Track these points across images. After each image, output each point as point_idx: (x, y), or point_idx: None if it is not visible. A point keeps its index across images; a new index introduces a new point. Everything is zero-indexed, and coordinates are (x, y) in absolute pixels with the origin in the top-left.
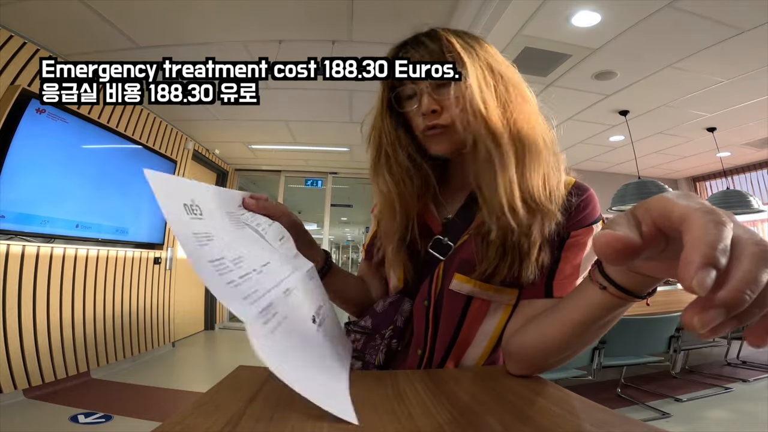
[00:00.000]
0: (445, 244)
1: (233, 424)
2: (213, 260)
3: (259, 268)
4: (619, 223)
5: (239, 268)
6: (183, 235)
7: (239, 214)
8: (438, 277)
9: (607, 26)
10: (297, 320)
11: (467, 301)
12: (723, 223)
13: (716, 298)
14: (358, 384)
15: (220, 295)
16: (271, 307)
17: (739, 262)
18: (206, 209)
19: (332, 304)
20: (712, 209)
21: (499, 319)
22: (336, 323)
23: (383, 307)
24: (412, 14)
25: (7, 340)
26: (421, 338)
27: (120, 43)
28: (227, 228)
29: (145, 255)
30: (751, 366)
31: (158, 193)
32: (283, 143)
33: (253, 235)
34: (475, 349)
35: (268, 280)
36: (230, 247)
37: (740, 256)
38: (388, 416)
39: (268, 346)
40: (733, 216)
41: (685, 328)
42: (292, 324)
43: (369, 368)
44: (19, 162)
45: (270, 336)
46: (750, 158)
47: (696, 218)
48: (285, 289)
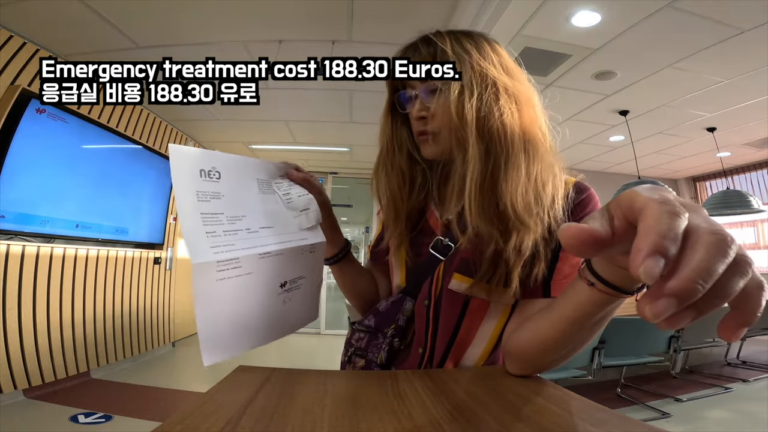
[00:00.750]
0: (446, 245)
1: (233, 424)
2: (205, 213)
3: (256, 228)
4: (594, 217)
5: (231, 224)
6: (183, 190)
7: (276, 182)
8: (438, 276)
9: (607, 26)
10: (261, 280)
11: (466, 300)
12: (677, 213)
13: (667, 287)
14: (358, 383)
15: (189, 235)
16: (237, 261)
17: (693, 251)
18: (227, 174)
19: (321, 282)
20: (669, 200)
21: (499, 319)
22: (310, 297)
23: (386, 306)
24: (412, 14)
25: (7, 340)
26: (422, 337)
27: (120, 43)
28: (249, 191)
29: (145, 255)
30: (751, 366)
31: (173, 162)
32: (283, 143)
33: (275, 201)
34: (475, 348)
35: (254, 239)
36: (237, 205)
37: (695, 245)
38: (388, 416)
39: (203, 289)
40: (697, 207)
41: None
42: (253, 281)
43: (372, 366)
44: (19, 162)
45: (214, 283)
46: (750, 158)
47: (650, 208)
48: (264, 252)
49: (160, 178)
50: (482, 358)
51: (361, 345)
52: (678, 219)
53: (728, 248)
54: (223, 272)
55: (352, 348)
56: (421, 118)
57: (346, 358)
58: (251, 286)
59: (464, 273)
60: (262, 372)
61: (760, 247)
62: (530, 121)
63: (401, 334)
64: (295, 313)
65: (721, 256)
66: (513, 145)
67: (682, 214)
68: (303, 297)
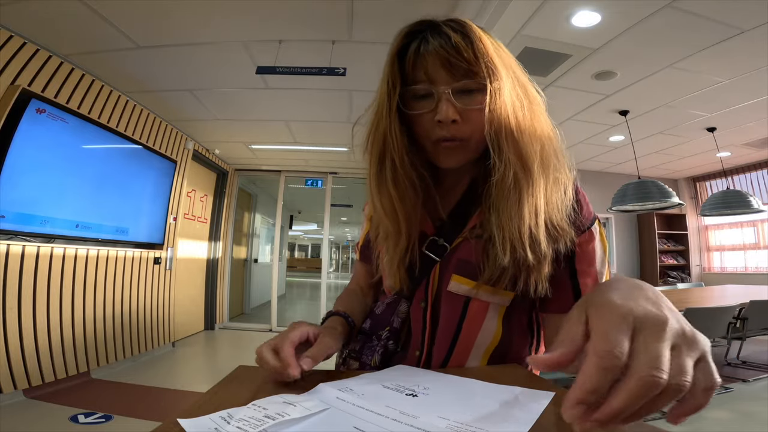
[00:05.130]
0: (441, 245)
1: None
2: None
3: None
4: (570, 320)
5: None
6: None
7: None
8: (434, 278)
9: (607, 26)
10: None
11: (466, 302)
12: (610, 369)
13: (592, 416)
14: None
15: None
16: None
17: (617, 394)
18: (237, 416)
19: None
20: (611, 349)
21: (498, 316)
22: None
23: (381, 308)
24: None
25: (7, 340)
26: (418, 339)
27: (120, 43)
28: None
29: (145, 255)
30: (751, 366)
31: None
32: (283, 143)
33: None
34: (478, 349)
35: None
36: None
37: (622, 387)
38: None
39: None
40: (661, 321)
41: None
42: None
43: (366, 369)
44: (19, 162)
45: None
46: (750, 158)
47: (589, 361)
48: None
49: (160, 178)
50: (485, 356)
51: (355, 347)
52: (609, 375)
53: (654, 389)
54: None
55: (346, 350)
56: (452, 122)
57: (340, 360)
58: None
59: (464, 275)
60: (262, 372)
61: (760, 247)
62: (549, 126)
63: (396, 337)
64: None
65: (640, 398)
66: (543, 151)
67: (617, 366)
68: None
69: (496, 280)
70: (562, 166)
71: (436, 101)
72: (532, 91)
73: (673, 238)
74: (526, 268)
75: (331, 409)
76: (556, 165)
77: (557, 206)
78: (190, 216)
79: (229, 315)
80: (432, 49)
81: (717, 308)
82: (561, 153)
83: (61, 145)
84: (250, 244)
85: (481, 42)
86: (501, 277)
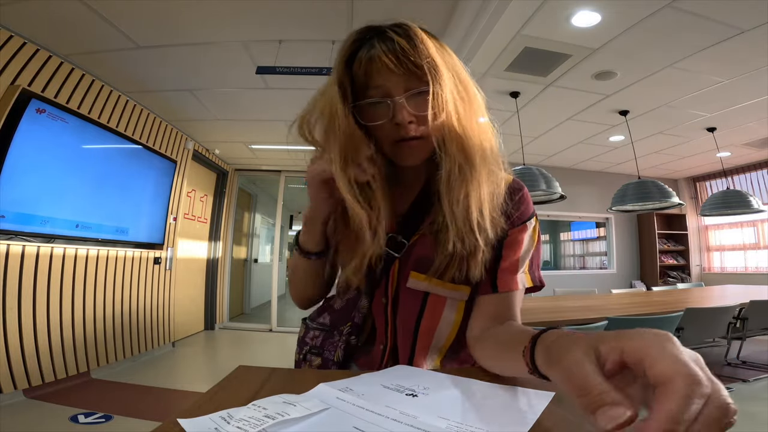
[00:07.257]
0: (399, 242)
1: None
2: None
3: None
4: (579, 363)
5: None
6: None
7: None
8: (394, 274)
9: (607, 26)
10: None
11: (424, 296)
12: (700, 395)
13: None
14: None
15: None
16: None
17: (699, 420)
18: (237, 416)
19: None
20: (694, 378)
21: (457, 309)
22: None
23: (341, 304)
24: (411, 14)
25: (7, 340)
26: (382, 334)
27: (120, 43)
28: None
29: (145, 255)
30: (751, 366)
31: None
32: (283, 143)
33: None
34: (438, 342)
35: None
36: None
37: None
38: None
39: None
40: (709, 378)
41: None
42: None
43: (328, 364)
44: (19, 162)
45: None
46: (750, 158)
47: (672, 392)
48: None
49: (160, 178)
50: (444, 348)
51: (316, 343)
52: (698, 403)
53: (729, 415)
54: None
55: (306, 346)
56: (410, 123)
57: (300, 357)
58: None
59: (422, 271)
60: (262, 372)
61: (760, 247)
62: (485, 118)
63: (357, 332)
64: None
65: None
66: (483, 146)
67: (705, 392)
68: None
69: (445, 269)
70: (497, 160)
71: (391, 108)
72: (472, 90)
73: (673, 238)
74: (472, 255)
75: (331, 409)
76: (492, 159)
77: (495, 196)
78: (190, 216)
79: (229, 315)
80: (377, 54)
81: (717, 308)
82: (497, 149)
83: (61, 145)
84: (250, 244)
85: (423, 44)
86: (449, 267)
